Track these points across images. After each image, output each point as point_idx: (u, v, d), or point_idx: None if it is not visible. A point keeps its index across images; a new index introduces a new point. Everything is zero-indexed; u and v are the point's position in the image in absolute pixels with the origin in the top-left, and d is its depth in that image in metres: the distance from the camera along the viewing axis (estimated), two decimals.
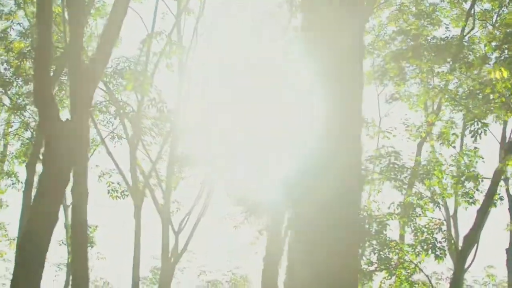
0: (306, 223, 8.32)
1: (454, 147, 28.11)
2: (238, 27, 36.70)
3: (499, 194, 25.94)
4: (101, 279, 57.71)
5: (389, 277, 24.84)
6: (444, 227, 25.69)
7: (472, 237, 24.11)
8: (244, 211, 32.08)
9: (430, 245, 24.36)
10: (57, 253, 49.62)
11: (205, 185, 34.39)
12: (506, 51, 24.36)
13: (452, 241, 27.59)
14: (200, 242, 41.18)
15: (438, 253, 24.08)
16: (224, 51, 36.38)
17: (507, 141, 29.39)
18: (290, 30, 33.96)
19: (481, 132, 23.23)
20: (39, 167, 32.04)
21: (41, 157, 32.22)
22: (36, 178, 32.05)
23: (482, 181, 25.30)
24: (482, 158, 26.38)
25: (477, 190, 25.26)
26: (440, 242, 24.75)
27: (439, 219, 25.50)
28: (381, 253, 24.93)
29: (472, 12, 30.08)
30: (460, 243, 25.50)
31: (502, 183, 26.93)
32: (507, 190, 31.89)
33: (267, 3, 34.47)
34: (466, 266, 26.55)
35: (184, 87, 33.97)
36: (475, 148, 26.80)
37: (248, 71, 34.64)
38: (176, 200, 35.04)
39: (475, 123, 23.33)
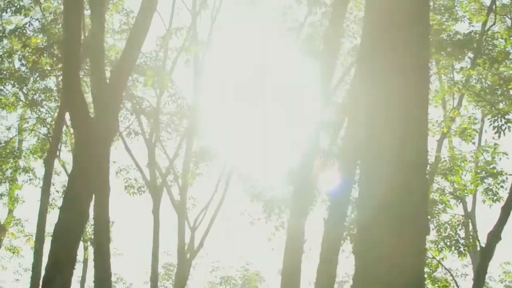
0: (371, 226, 8.12)
1: (473, 143, 27.95)
2: (254, 23, 36.26)
3: None
4: (115, 275, 57.57)
5: None
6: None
7: (497, 234, 23.92)
8: (263, 207, 31.89)
9: (454, 242, 24.20)
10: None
11: (221, 181, 34.26)
12: None
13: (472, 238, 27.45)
14: (215, 238, 40.94)
15: (462, 249, 23.93)
16: (239, 47, 36.21)
17: None
18: (306, 26, 33.91)
19: (505, 128, 23.03)
20: (56, 163, 32.17)
21: (58, 153, 32.38)
22: (54, 174, 32.09)
23: (506, 178, 25.10)
24: (506, 154, 26.20)
25: (502, 187, 25.06)
26: (463, 239, 24.62)
27: (462, 215, 25.35)
28: None
29: (493, 7, 29.82)
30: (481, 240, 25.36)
31: None
32: None
33: None
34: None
35: (201, 83, 33.80)
36: (495, 144, 26.63)
37: (264, 67, 34.53)
38: (192, 196, 34.88)
39: (499, 119, 23.11)
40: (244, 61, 35.31)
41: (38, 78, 32.77)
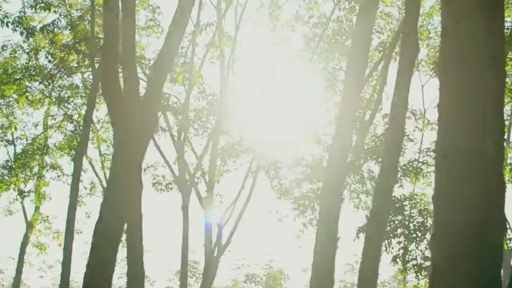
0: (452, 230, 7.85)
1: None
2: (280, 19, 36.07)
3: None
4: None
5: None
6: None
7: None
8: (293, 204, 31.73)
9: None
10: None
11: (248, 178, 34.10)
12: None
13: None
14: (240, 235, 40.83)
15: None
16: (265, 42, 36.04)
17: None
18: (332, 22, 33.73)
19: None
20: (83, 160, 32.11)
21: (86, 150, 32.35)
22: (82, 171, 32.06)
23: None
24: None
25: None
26: None
27: None
28: None
29: None
30: None
31: None
32: None
33: None
34: None
35: (227, 79, 33.68)
36: None
37: (291, 62, 34.41)
38: (219, 193, 34.75)
39: None
40: (270, 57, 35.07)
41: (64, 75, 32.78)
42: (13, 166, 34.63)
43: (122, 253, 19.33)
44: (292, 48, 35.12)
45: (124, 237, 16.91)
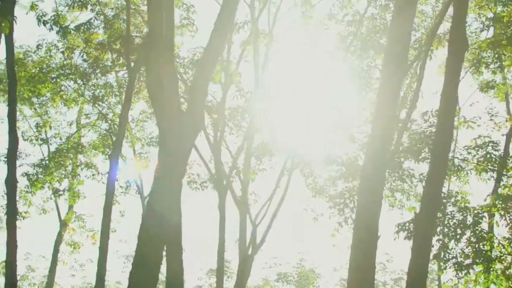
0: None
1: None
2: (314, 17, 35.94)
3: None
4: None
5: (485, 272, 24.34)
6: None
7: None
8: (330, 202, 31.63)
9: None
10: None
11: (283, 177, 34.00)
12: None
13: None
14: (273, 233, 40.59)
15: None
16: (299, 40, 35.91)
17: None
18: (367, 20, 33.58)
19: None
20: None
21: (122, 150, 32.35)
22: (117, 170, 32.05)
23: None
24: None
25: None
26: None
27: None
28: (476, 246, 24.46)
29: None
30: None
31: None
32: None
33: None
34: None
35: (262, 78, 33.60)
36: None
37: (325, 61, 34.28)
38: (253, 191, 34.67)
39: None
40: (304, 55, 34.91)
41: (99, 74, 32.85)
42: (48, 165, 34.64)
43: None
44: (325, 47, 34.96)
45: None
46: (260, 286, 57.37)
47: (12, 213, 23.16)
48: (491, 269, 24.40)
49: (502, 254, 24.50)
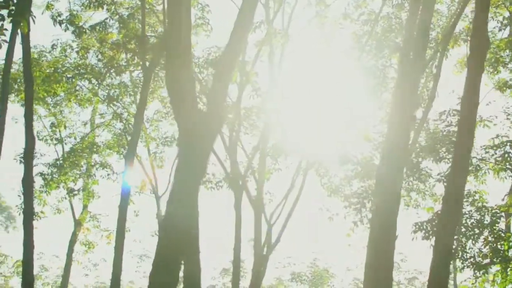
0: None
1: None
2: (329, 16, 35.85)
3: None
4: None
5: (503, 272, 24.21)
6: None
7: None
8: (346, 202, 31.61)
9: None
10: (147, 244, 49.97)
11: (298, 176, 33.94)
12: None
13: None
14: (289, 233, 40.34)
15: None
16: (314, 40, 35.84)
17: None
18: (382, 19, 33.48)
19: None
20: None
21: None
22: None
23: None
24: None
25: None
26: None
27: None
28: (494, 245, 24.34)
29: None
30: None
31: None
32: None
33: None
34: None
35: (278, 78, 33.57)
36: None
37: (340, 60, 34.21)
38: (268, 191, 34.58)
39: None
40: (320, 55, 34.84)
41: (113, 74, 32.81)
42: (63, 164, 34.58)
43: None
44: (340, 46, 34.90)
45: None
46: (274, 285, 57.25)
47: (29, 213, 23.14)
48: (509, 268, 24.28)
49: None
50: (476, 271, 24.72)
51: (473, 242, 25.25)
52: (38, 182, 34.33)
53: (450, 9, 33.76)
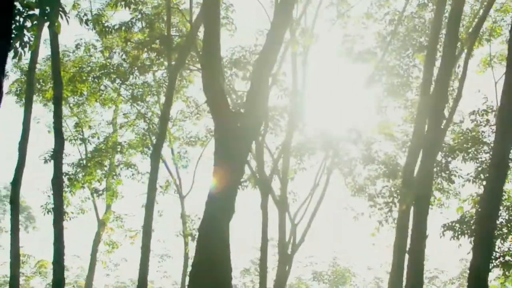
0: None
1: None
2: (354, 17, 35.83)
3: None
4: None
5: None
6: None
7: None
8: (371, 201, 31.59)
9: None
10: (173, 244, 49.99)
11: (322, 176, 33.93)
12: None
13: None
14: (312, 232, 40.15)
15: None
16: (338, 40, 35.78)
17: None
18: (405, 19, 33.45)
19: None
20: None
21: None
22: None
23: None
24: None
25: None
26: None
27: None
28: None
29: None
30: None
31: None
32: None
33: None
34: None
35: (301, 77, 33.52)
36: None
37: (365, 59, 34.12)
38: (292, 191, 34.49)
39: None
40: (343, 54, 34.72)
41: (137, 73, 32.84)
42: (87, 164, 34.59)
43: None
44: (364, 45, 34.80)
45: None
46: (294, 284, 57.21)
47: (59, 213, 23.27)
48: None
49: None
50: (505, 270, 24.67)
51: (502, 241, 25.21)
52: None
53: (473, 9, 33.71)
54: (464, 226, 25.11)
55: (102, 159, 35.06)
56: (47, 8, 14.70)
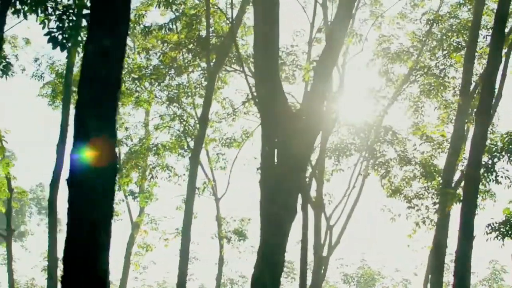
0: None
1: None
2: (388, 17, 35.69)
3: None
4: (236, 272, 57.33)
5: None
6: None
7: None
8: (409, 203, 31.45)
9: None
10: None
11: (358, 177, 33.75)
12: None
13: None
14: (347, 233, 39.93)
15: None
16: (374, 40, 35.60)
17: None
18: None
19: None
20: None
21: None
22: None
23: None
24: None
25: None
26: None
27: None
28: None
29: None
30: None
31: None
32: None
33: None
34: None
35: (341, 77, 33.47)
36: None
37: (401, 59, 33.97)
38: (327, 192, 34.29)
39: None
40: (379, 54, 34.53)
41: (174, 75, 32.78)
42: (125, 166, 34.42)
43: None
44: (399, 45, 34.61)
45: None
46: (322, 287, 57.10)
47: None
48: None
49: None
50: None
51: None
52: None
53: None
54: (508, 227, 24.97)
55: (138, 161, 34.82)
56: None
